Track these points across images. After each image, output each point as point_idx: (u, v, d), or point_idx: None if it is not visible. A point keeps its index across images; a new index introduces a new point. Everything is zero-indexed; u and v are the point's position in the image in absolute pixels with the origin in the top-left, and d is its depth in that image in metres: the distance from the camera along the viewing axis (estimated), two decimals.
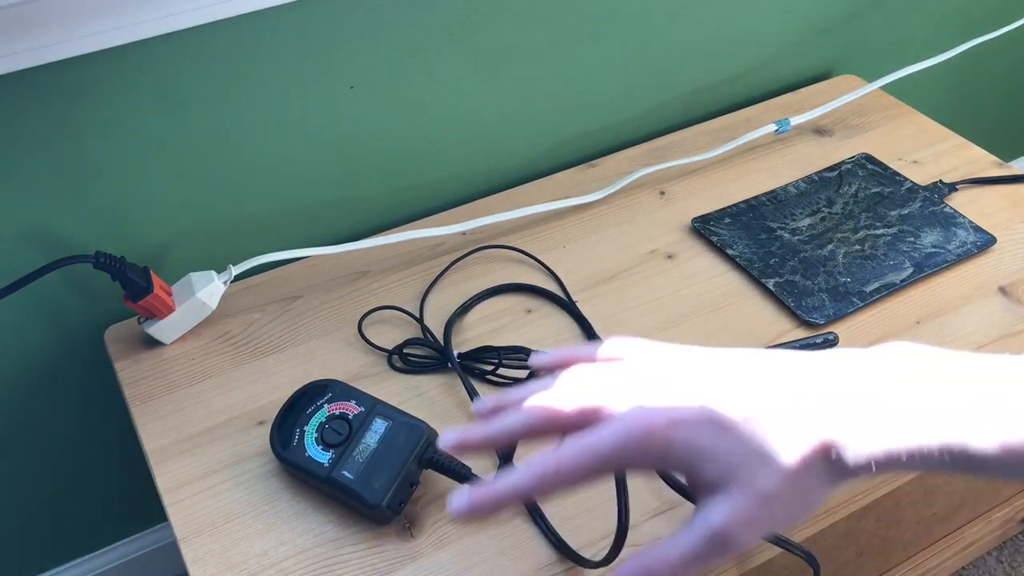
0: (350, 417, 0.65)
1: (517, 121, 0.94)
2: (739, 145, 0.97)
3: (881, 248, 0.86)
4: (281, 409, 0.67)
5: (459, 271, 0.86)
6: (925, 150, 0.99)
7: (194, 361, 0.78)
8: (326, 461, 0.63)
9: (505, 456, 0.66)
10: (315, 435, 0.65)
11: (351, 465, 0.63)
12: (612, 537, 0.61)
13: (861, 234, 0.88)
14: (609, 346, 0.48)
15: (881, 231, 0.88)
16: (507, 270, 0.86)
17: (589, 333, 0.78)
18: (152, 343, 0.79)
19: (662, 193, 0.94)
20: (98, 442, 0.92)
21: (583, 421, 0.43)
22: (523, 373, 0.74)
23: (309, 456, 0.64)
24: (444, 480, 0.67)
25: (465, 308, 0.81)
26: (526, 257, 0.87)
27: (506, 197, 0.94)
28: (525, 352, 0.75)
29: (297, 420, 0.66)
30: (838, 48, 1.12)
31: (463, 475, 0.64)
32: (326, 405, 0.66)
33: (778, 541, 0.63)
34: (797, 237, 0.88)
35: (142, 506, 1.00)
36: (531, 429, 0.44)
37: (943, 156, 0.98)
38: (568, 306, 0.81)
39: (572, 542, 0.63)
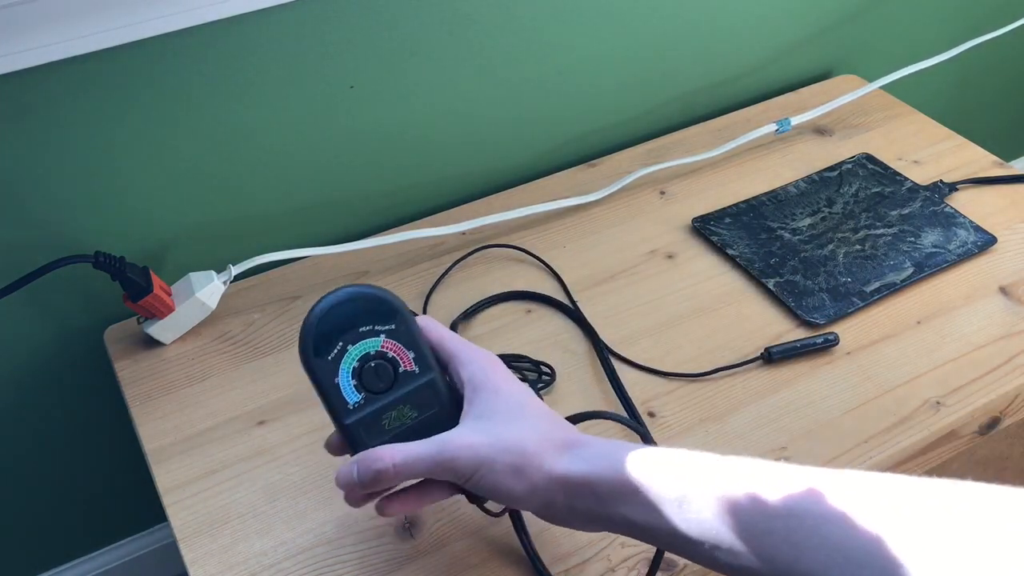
0: (400, 371, 0.53)
1: (517, 121, 0.94)
2: (739, 145, 0.97)
3: (881, 248, 0.86)
4: (330, 302, 0.53)
5: (460, 271, 0.86)
6: (925, 150, 0.99)
7: (194, 361, 0.78)
8: (352, 404, 0.52)
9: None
10: (355, 365, 0.52)
11: (376, 430, 0.52)
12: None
13: (861, 234, 0.88)
14: None
15: (881, 231, 0.88)
16: (508, 269, 0.86)
17: (590, 333, 0.78)
18: (152, 343, 0.79)
19: (662, 193, 0.94)
20: (98, 442, 0.92)
21: None
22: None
23: (337, 386, 0.52)
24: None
25: (467, 315, 0.80)
26: (527, 256, 0.87)
27: (506, 197, 0.94)
28: (526, 360, 0.75)
29: (345, 332, 0.52)
30: (838, 48, 1.12)
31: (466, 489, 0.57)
32: (383, 336, 0.53)
33: None
34: (797, 237, 0.88)
35: (142, 506, 1.00)
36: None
37: (943, 156, 0.98)
38: (570, 309, 0.81)
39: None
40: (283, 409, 0.73)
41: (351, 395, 0.52)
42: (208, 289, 0.77)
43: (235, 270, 0.79)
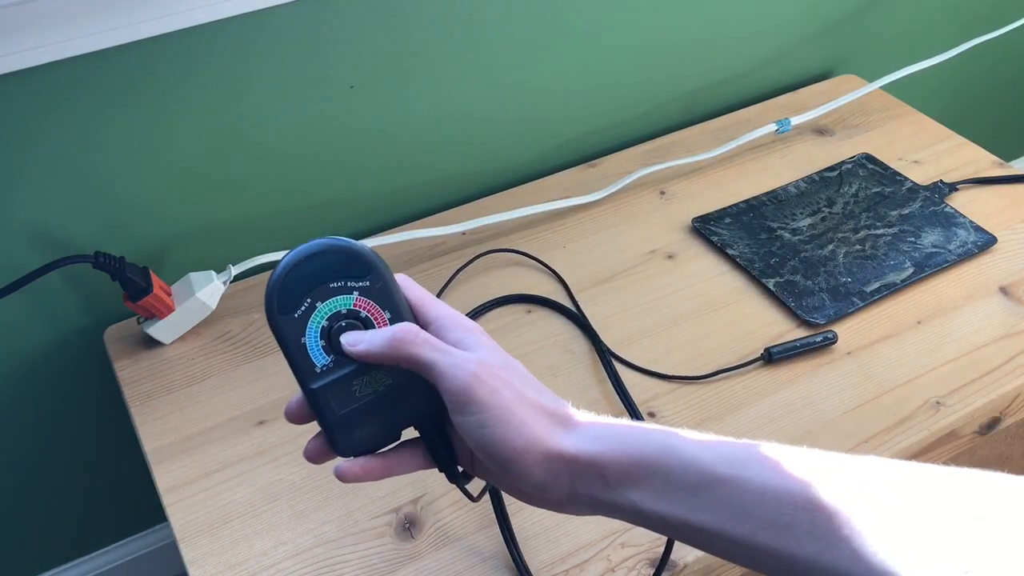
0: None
1: (517, 121, 0.94)
2: (739, 145, 0.97)
3: (882, 248, 0.86)
4: (299, 255, 0.47)
5: (461, 271, 0.86)
6: (925, 150, 0.99)
7: (194, 361, 0.78)
8: (320, 367, 0.47)
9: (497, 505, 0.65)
10: (324, 324, 0.47)
11: (345, 396, 0.47)
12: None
13: (862, 234, 0.88)
14: None
15: (882, 231, 0.88)
16: (509, 270, 0.86)
17: (591, 334, 0.78)
18: (152, 343, 0.79)
19: (662, 193, 0.94)
20: (98, 442, 0.92)
21: None
22: None
23: (304, 346, 0.47)
24: (445, 480, 0.67)
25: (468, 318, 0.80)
26: (528, 258, 0.87)
27: (506, 197, 0.94)
28: None
29: (313, 288, 0.47)
30: (838, 48, 1.12)
31: (445, 460, 0.50)
32: (356, 293, 0.48)
33: None
34: (797, 237, 0.88)
35: (142, 506, 1.00)
36: None
37: (943, 156, 0.98)
38: (571, 312, 0.81)
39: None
40: (283, 409, 0.73)
41: (319, 357, 0.47)
42: (208, 289, 0.77)
43: (235, 270, 0.79)
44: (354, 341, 0.46)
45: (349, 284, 0.47)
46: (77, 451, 0.92)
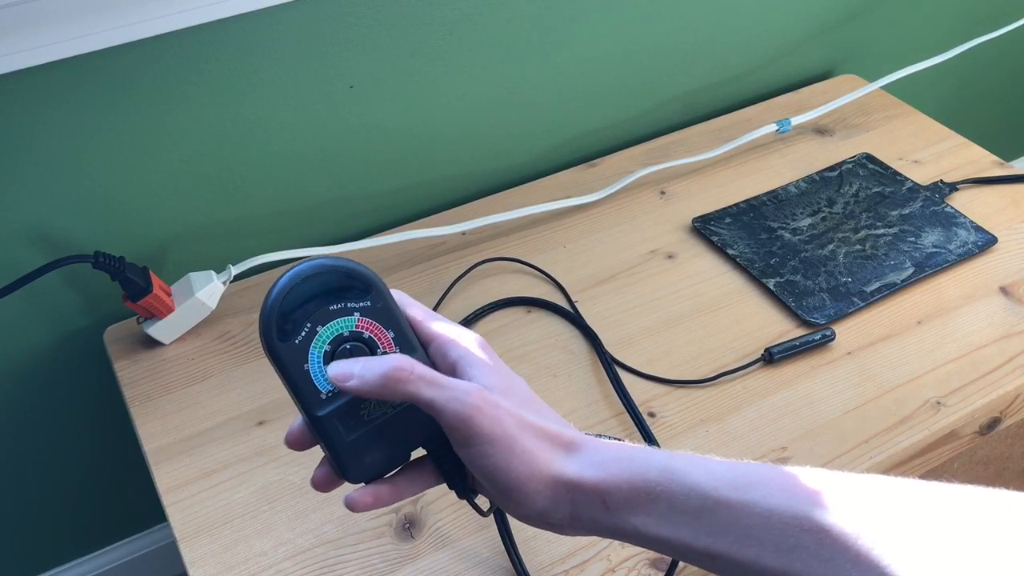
0: (378, 353, 0.46)
1: (517, 121, 0.94)
2: (740, 145, 0.97)
3: (882, 248, 0.86)
4: (295, 277, 0.45)
5: (461, 273, 0.86)
6: (926, 150, 0.99)
7: (194, 361, 0.78)
8: (325, 393, 0.45)
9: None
10: (326, 348, 0.45)
11: (353, 421, 0.46)
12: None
13: (862, 234, 0.88)
14: None
15: (882, 231, 0.88)
16: (509, 272, 0.86)
17: (588, 334, 0.78)
18: (152, 343, 0.79)
19: (662, 193, 0.94)
20: (97, 442, 0.92)
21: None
22: None
23: (307, 373, 0.45)
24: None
25: (468, 321, 0.80)
26: (527, 266, 0.87)
27: (506, 197, 0.94)
28: None
29: (313, 311, 0.45)
30: (838, 48, 1.12)
31: (455, 478, 0.50)
32: (357, 314, 0.46)
33: None
34: (798, 237, 0.88)
35: (142, 506, 1.00)
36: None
37: (944, 156, 0.98)
38: (569, 314, 0.81)
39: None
40: (283, 409, 0.73)
41: (324, 383, 0.45)
42: (208, 289, 0.77)
43: (235, 270, 0.79)
44: (344, 375, 0.43)
45: (349, 305, 0.46)
46: (77, 451, 0.92)
